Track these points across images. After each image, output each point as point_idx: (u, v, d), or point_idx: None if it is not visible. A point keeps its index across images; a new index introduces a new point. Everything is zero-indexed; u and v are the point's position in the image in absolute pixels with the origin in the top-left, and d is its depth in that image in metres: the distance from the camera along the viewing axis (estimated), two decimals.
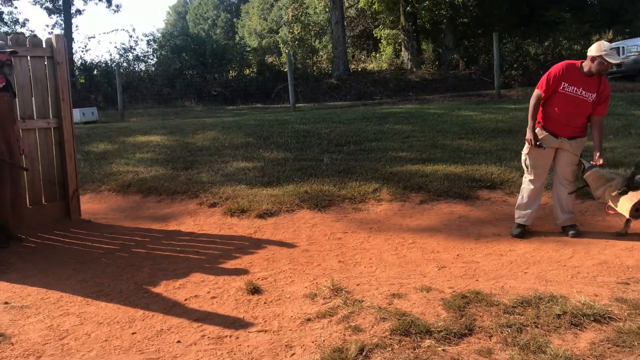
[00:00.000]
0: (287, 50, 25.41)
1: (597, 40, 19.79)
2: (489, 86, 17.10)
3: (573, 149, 4.92)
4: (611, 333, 3.05)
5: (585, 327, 3.14)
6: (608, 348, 2.92)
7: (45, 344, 3.33)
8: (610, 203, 4.73)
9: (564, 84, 4.76)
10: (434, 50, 22.04)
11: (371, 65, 23.86)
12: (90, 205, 6.69)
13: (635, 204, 4.53)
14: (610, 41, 18.81)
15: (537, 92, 4.89)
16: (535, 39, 20.19)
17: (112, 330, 3.49)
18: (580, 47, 19.94)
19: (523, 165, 5.17)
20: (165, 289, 4.15)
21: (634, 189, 4.54)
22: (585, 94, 4.74)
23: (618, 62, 4.71)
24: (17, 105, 5.55)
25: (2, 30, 24.12)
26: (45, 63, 5.80)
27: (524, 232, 5.06)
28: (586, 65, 4.74)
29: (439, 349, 2.99)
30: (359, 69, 22.47)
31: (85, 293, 4.11)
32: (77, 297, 4.03)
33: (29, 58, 5.67)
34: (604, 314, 3.24)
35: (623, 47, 14.66)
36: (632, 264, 4.11)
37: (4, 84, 5.17)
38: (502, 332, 3.11)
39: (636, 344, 2.92)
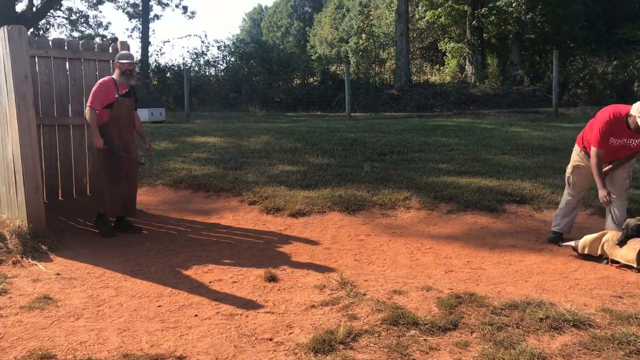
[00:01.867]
0: (355, 60, 25.96)
1: None
2: (551, 104, 16.94)
3: (618, 166, 5.08)
4: (586, 338, 3.27)
5: (563, 331, 3.37)
6: (578, 350, 3.15)
7: (84, 308, 3.88)
8: (614, 257, 4.64)
9: (612, 139, 4.87)
10: (498, 65, 21.91)
11: (434, 78, 23.97)
12: (145, 197, 7.32)
13: (639, 251, 4.45)
14: None
15: (597, 151, 4.93)
16: (610, 57, 19.75)
17: (142, 302, 4.00)
18: None
19: (566, 180, 5.48)
20: (194, 272, 4.65)
21: (631, 236, 4.56)
22: (630, 141, 4.88)
23: None
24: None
25: (86, 33, 25.88)
26: (111, 66, 6.46)
27: (558, 239, 5.31)
28: (631, 122, 4.76)
29: (421, 338, 3.31)
30: (421, 81, 22.62)
31: (125, 271, 4.66)
32: (117, 274, 4.59)
33: (97, 62, 6.35)
34: (584, 321, 3.45)
35: None
36: (633, 280, 4.25)
37: (127, 89, 5.81)
38: (483, 329, 3.39)
39: (605, 348, 3.14)
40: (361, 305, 3.80)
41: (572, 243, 4.94)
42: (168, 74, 22.42)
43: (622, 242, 4.56)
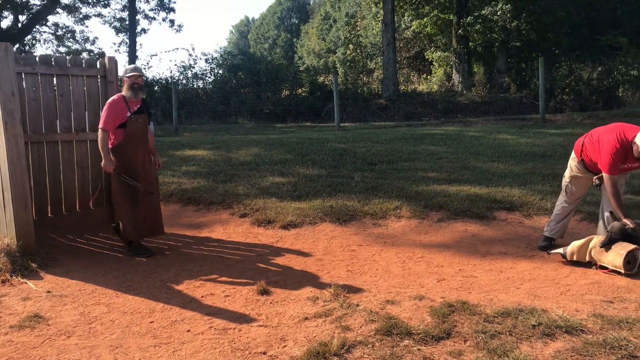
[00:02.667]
0: (343, 70, 26.08)
1: None
2: (538, 110, 17.08)
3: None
4: (578, 344, 3.29)
5: (556, 338, 3.38)
6: (571, 356, 3.16)
7: (75, 326, 3.85)
8: (602, 263, 4.66)
9: (620, 164, 4.81)
10: (485, 73, 22.10)
11: (421, 87, 24.14)
12: None
13: (624, 257, 4.46)
14: None
15: (611, 177, 4.77)
16: (595, 63, 19.98)
17: (134, 318, 3.98)
18: (637, 73, 19.60)
19: (563, 188, 5.42)
20: (186, 287, 4.63)
21: (615, 240, 4.60)
22: (633, 165, 4.84)
23: None
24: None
25: (73, 48, 25.82)
26: (99, 82, 6.45)
27: (550, 246, 5.30)
28: (635, 150, 4.68)
29: (415, 348, 3.31)
30: (409, 90, 22.76)
31: (117, 287, 4.64)
32: (109, 290, 4.56)
33: (84, 77, 6.33)
34: (577, 327, 3.47)
35: None
36: (623, 285, 4.28)
37: (138, 105, 5.64)
38: (476, 338, 3.39)
39: (598, 354, 3.16)
40: (354, 316, 3.79)
41: (560, 250, 4.97)
42: (156, 88, 22.37)
43: (605, 245, 4.60)
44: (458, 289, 4.38)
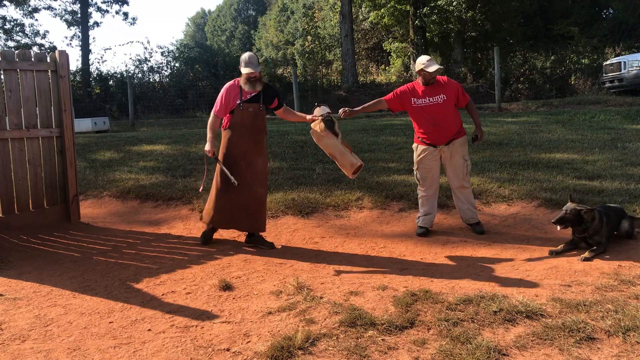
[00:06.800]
0: (302, 62, 26.01)
1: (610, 54, 19.81)
2: (494, 99, 17.36)
3: (453, 152, 5.53)
4: (538, 328, 3.34)
5: (517, 323, 3.43)
6: (531, 340, 3.21)
7: (30, 330, 3.72)
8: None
9: (414, 99, 5.42)
10: (442, 63, 22.36)
11: (380, 78, 24.27)
12: (91, 209, 7.10)
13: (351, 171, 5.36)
14: (616, 55, 19.05)
15: (385, 102, 5.75)
16: (548, 53, 20.43)
17: (92, 319, 3.87)
18: (588, 61, 20.16)
19: (415, 179, 5.75)
20: (146, 285, 4.53)
21: (567, 219, 4.80)
22: (434, 99, 5.38)
23: (435, 69, 5.24)
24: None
25: (23, 42, 24.99)
26: (49, 76, 6.24)
27: (427, 232, 5.67)
28: (419, 79, 5.42)
29: (379, 338, 3.31)
30: (368, 81, 22.87)
31: (74, 288, 4.50)
32: (65, 291, 4.42)
33: (34, 72, 6.11)
34: (537, 312, 3.53)
35: (625, 62, 14.84)
36: (580, 269, 4.38)
37: (253, 94, 5.38)
38: (439, 326, 3.42)
39: (557, 337, 3.21)
40: (318, 308, 3.78)
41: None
42: (111, 82, 21.88)
43: (558, 223, 4.75)
44: (420, 278, 4.41)
